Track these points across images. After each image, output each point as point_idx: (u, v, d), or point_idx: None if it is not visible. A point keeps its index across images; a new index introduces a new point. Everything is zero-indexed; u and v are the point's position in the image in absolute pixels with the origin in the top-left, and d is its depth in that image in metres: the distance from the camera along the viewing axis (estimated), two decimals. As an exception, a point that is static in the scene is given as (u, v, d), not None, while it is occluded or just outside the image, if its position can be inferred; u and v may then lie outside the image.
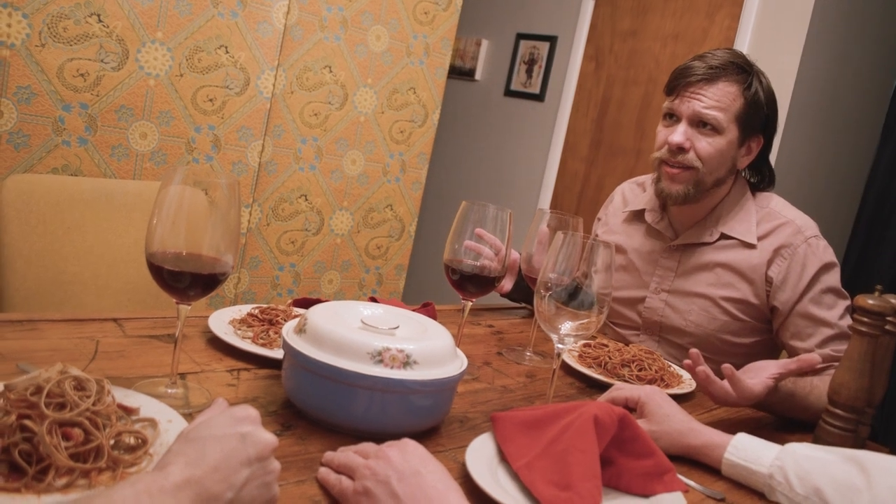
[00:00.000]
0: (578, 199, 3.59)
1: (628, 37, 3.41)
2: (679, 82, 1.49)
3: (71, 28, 1.81)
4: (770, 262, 1.49)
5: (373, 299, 1.39)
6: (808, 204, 3.13)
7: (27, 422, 0.65)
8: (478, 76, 4.07)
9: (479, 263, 1.25)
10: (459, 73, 4.11)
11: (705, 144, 1.47)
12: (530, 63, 3.81)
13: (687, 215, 1.59)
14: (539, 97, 3.76)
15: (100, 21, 1.85)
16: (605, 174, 3.48)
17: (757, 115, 1.49)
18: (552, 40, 3.71)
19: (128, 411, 0.78)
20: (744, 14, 2.97)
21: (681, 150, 1.48)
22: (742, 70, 1.47)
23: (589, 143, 3.57)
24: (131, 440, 0.73)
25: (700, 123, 1.47)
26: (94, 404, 0.70)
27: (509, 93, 3.91)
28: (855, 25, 3.07)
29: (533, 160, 3.79)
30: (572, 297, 1.03)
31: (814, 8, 2.79)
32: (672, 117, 1.51)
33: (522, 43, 3.85)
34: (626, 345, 1.51)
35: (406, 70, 2.56)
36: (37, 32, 1.76)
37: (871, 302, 1.13)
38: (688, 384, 1.38)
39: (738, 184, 1.58)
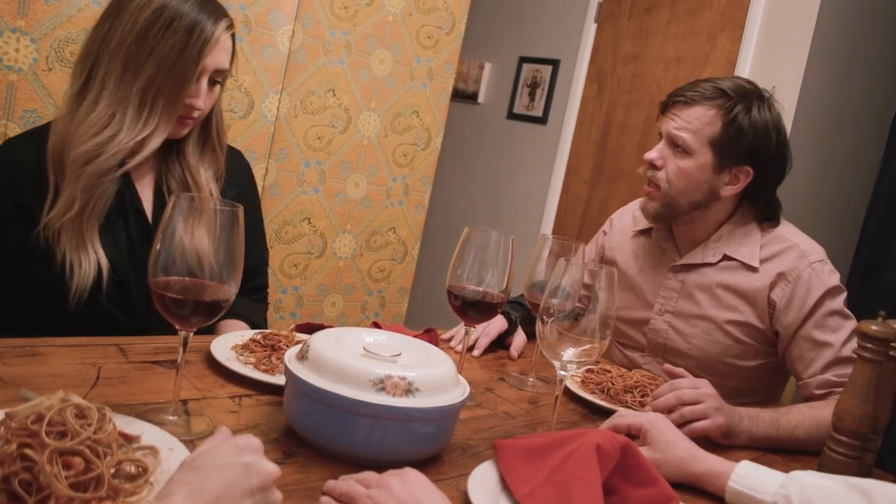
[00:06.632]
0: (581, 222, 3.60)
1: (630, 60, 3.44)
2: (666, 102, 1.53)
3: (77, 52, 1.83)
4: (773, 286, 1.49)
5: (375, 324, 1.39)
6: (812, 225, 3.13)
7: (28, 451, 0.65)
8: (481, 99, 4.10)
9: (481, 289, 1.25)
10: (462, 96, 4.14)
11: (674, 166, 1.49)
12: (533, 86, 3.83)
13: (689, 235, 1.60)
14: (542, 120, 3.78)
15: (106, 46, 1.87)
16: (608, 197, 3.48)
17: (738, 143, 1.46)
18: (555, 64, 3.74)
19: (129, 439, 0.78)
20: (745, 37, 2.99)
21: (653, 166, 1.51)
22: (725, 95, 1.46)
23: (592, 165, 3.58)
24: (132, 469, 0.73)
25: (674, 144, 1.49)
26: (95, 432, 0.70)
27: (512, 116, 3.93)
28: (856, 47, 3.09)
29: (536, 183, 3.80)
30: (575, 323, 1.03)
31: (815, 30, 2.81)
32: (660, 136, 1.54)
33: (525, 66, 3.87)
34: (630, 369, 1.51)
35: (409, 94, 2.58)
36: (44, 57, 1.78)
37: (874, 328, 1.13)
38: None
39: (742, 209, 1.57)
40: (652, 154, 1.51)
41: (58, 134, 1.26)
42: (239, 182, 1.55)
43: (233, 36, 1.36)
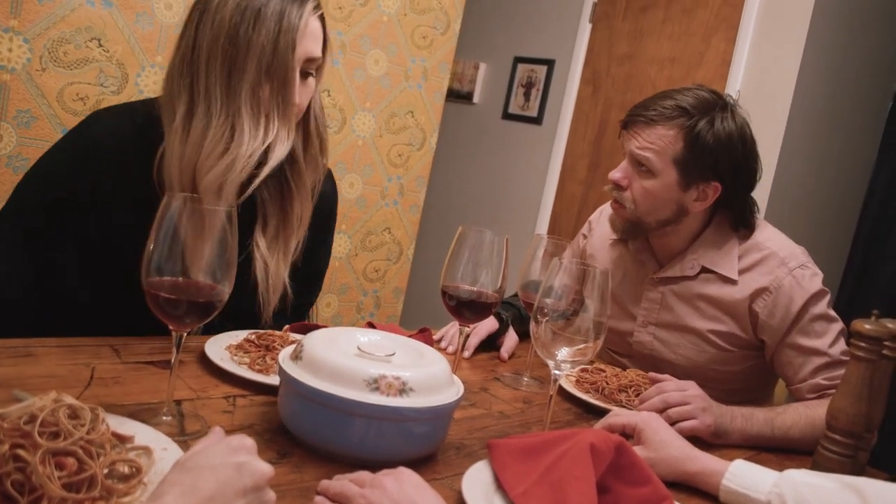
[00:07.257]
0: (576, 222, 3.60)
1: (625, 60, 3.44)
2: (627, 118, 1.48)
3: (71, 52, 1.82)
4: (753, 297, 1.46)
5: (370, 324, 1.39)
6: (807, 223, 3.14)
7: (20, 451, 0.65)
8: (476, 99, 4.10)
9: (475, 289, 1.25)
10: (457, 96, 4.14)
11: (639, 186, 1.46)
12: (528, 86, 3.83)
13: (665, 247, 1.57)
14: (537, 120, 3.78)
15: (100, 45, 1.87)
16: (603, 197, 3.48)
17: (703, 159, 1.41)
18: (550, 64, 3.74)
19: (122, 439, 0.77)
20: (739, 37, 3.00)
21: (618, 186, 1.48)
22: (687, 113, 1.41)
23: (587, 165, 3.58)
24: (125, 469, 0.72)
25: (637, 163, 1.46)
26: (88, 433, 0.70)
27: (507, 116, 3.94)
28: (851, 46, 3.10)
29: (531, 183, 3.80)
30: (569, 323, 1.03)
31: (809, 30, 2.82)
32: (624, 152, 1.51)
33: (520, 66, 3.88)
34: (624, 369, 1.51)
35: (404, 94, 2.58)
36: (37, 57, 1.77)
37: (868, 327, 1.13)
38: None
39: (716, 218, 1.53)
40: (616, 174, 1.48)
41: (174, 165, 1.15)
42: (324, 210, 1.46)
43: (321, 18, 1.22)
